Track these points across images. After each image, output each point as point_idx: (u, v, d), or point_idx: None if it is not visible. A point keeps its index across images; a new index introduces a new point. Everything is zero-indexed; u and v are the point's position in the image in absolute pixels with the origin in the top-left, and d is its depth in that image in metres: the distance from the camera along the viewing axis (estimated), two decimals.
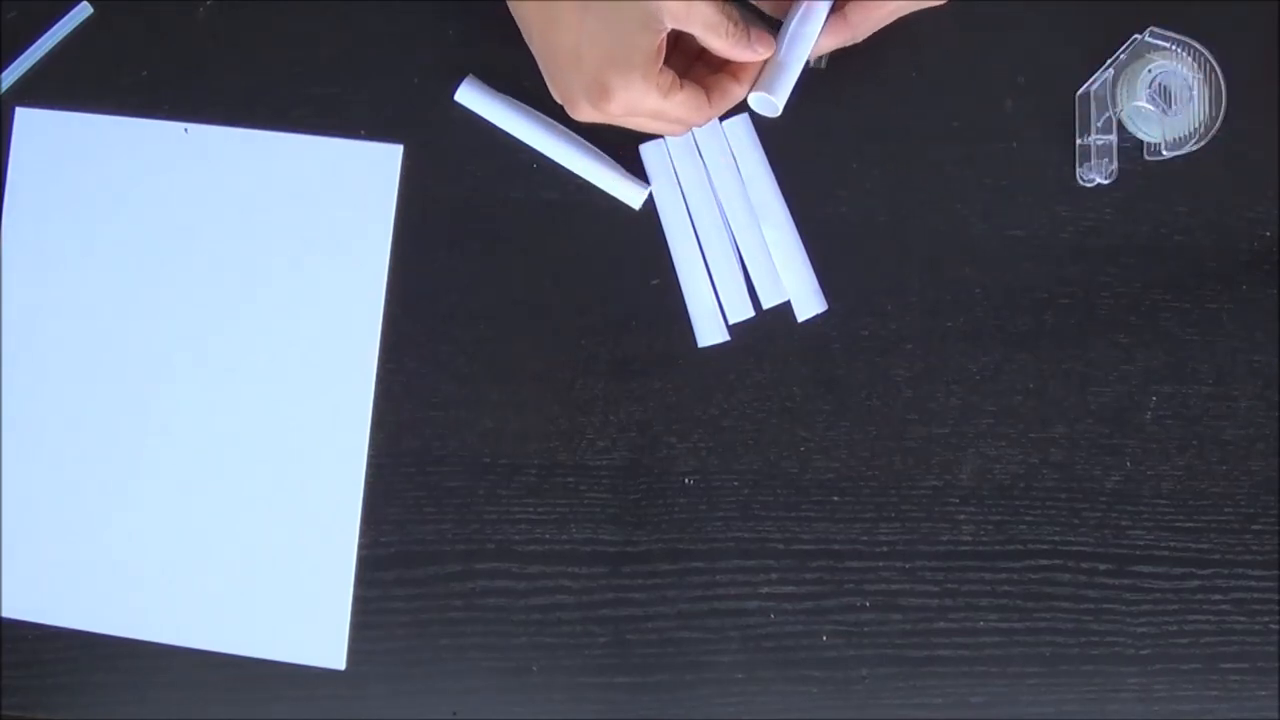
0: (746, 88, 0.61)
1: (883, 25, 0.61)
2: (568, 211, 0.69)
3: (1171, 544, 0.69)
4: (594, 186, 0.69)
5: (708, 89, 0.60)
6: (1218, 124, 0.66)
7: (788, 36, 0.60)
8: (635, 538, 0.68)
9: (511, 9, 0.61)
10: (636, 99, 0.57)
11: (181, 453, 0.69)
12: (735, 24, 0.58)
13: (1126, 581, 0.68)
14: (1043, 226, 0.69)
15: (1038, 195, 0.69)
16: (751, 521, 0.69)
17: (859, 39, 0.62)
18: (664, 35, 0.57)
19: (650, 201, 0.69)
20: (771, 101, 0.60)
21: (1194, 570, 0.69)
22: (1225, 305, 0.69)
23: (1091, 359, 0.69)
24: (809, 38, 0.60)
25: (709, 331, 0.69)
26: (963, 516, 0.69)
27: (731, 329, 0.69)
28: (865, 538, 0.68)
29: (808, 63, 0.61)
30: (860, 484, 0.69)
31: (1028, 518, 0.69)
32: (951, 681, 0.68)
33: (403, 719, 0.68)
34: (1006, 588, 0.68)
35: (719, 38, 0.58)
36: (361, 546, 0.69)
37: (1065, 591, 0.68)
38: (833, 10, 0.61)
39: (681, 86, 0.59)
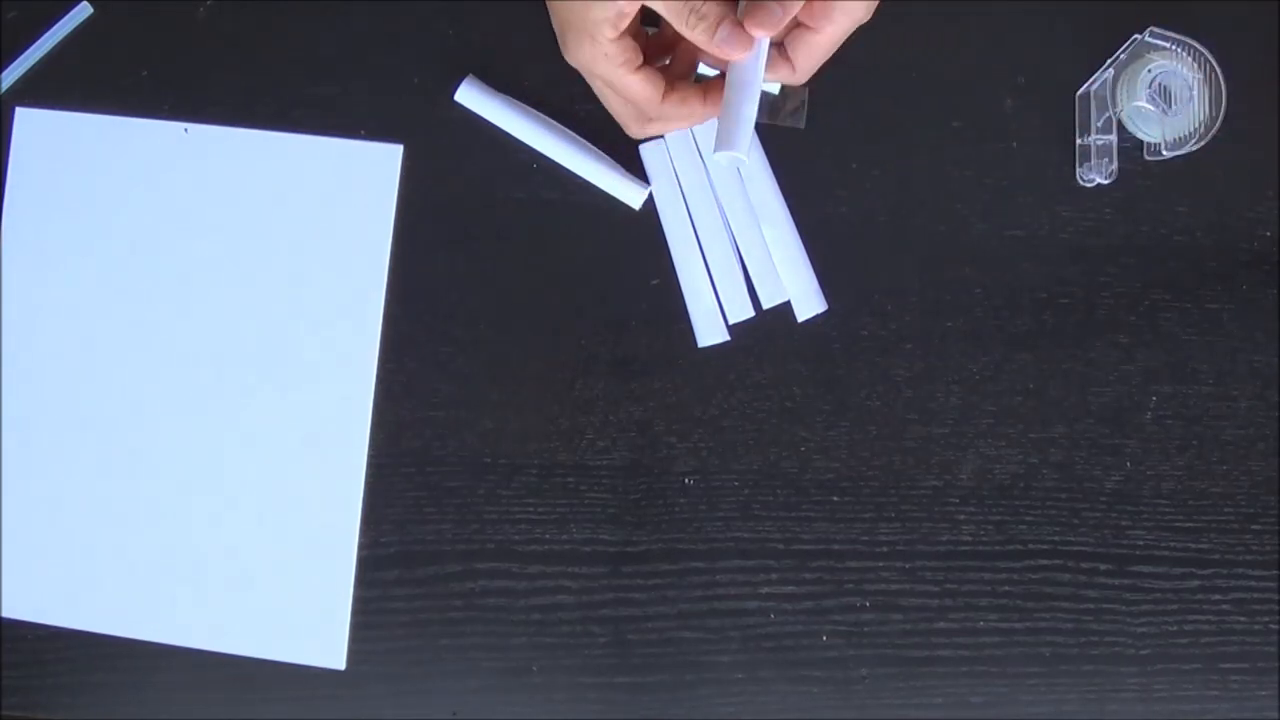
0: (707, 110, 0.59)
1: (825, 58, 0.59)
2: (568, 211, 0.69)
3: (1171, 544, 0.69)
4: (594, 186, 0.69)
5: (673, 93, 0.58)
6: (1218, 124, 0.66)
7: (732, 84, 0.57)
8: (635, 538, 0.68)
9: None
10: (588, 61, 0.57)
11: (181, 452, 0.69)
12: (702, 17, 0.55)
13: (1126, 581, 0.68)
14: (1043, 226, 0.69)
15: (1038, 195, 0.69)
16: (751, 521, 0.69)
17: (802, 78, 0.59)
18: (620, 8, 0.55)
19: (650, 201, 0.69)
20: (737, 157, 0.57)
21: (1194, 570, 0.69)
22: (1225, 305, 0.69)
23: (1091, 359, 0.69)
24: (756, 76, 0.57)
25: (709, 331, 0.69)
26: (963, 516, 0.69)
27: (731, 329, 0.69)
28: (865, 538, 0.68)
29: (786, 125, 0.58)
30: (860, 484, 0.69)
31: (1028, 518, 0.69)
32: (951, 681, 0.68)
33: (403, 719, 0.68)
34: (1006, 588, 0.68)
35: (681, 23, 0.55)
36: (361, 546, 0.68)
37: (1065, 591, 0.68)
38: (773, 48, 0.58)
39: (639, 69, 0.57)
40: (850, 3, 0.56)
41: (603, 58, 0.57)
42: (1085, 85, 0.69)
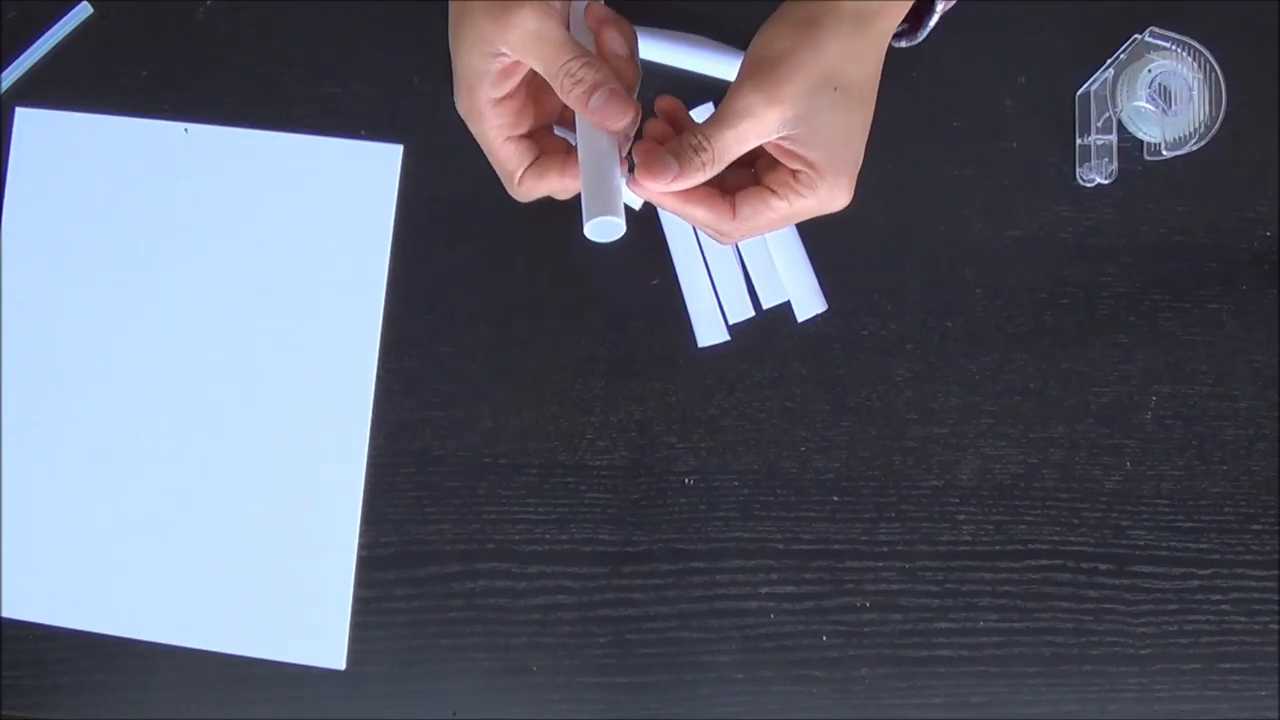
0: (565, 182, 0.55)
1: (771, 229, 0.54)
2: (568, 212, 0.69)
3: (1171, 544, 0.69)
4: None
5: (532, 169, 0.55)
6: (1218, 124, 0.67)
7: (592, 154, 0.53)
8: (635, 538, 0.68)
9: None
10: (465, 112, 0.54)
11: (182, 453, 0.69)
12: (578, 81, 0.51)
13: (1126, 581, 0.68)
14: (1043, 226, 0.69)
15: (1038, 195, 0.69)
16: (751, 521, 0.69)
17: (734, 235, 0.54)
18: (500, 62, 0.52)
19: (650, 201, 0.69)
20: (613, 222, 0.52)
21: (1194, 570, 0.69)
22: (1225, 305, 0.69)
23: (1091, 359, 0.69)
24: (611, 138, 0.53)
25: (709, 331, 0.69)
26: (963, 516, 0.69)
27: (731, 329, 0.69)
28: (865, 538, 0.68)
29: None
30: (860, 484, 0.69)
31: (1028, 518, 0.69)
32: (951, 681, 0.68)
33: (403, 719, 0.68)
34: (1006, 588, 0.68)
35: (555, 84, 0.52)
36: (361, 546, 0.68)
37: (1065, 591, 0.68)
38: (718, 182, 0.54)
39: (510, 140, 0.54)
40: (837, 185, 0.52)
41: (477, 114, 0.53)
42: (1085, 85, 0.69)
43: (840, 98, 0.51)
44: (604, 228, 0.52)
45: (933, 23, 0.57)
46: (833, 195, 0.52)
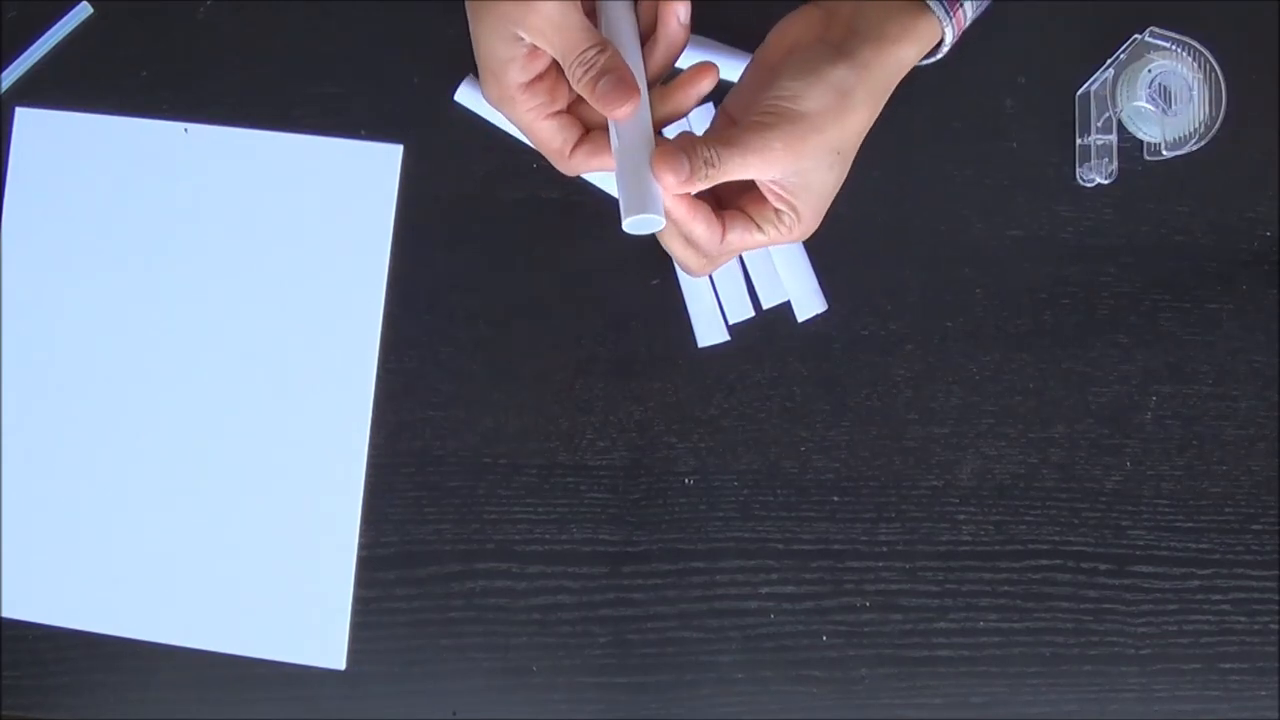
0: (598, 162, 0.55)
1: (750, 249, 0.58)
2: (568, 211, 0.69)
3: (1171, 544, 0.69)
4: (594, 186, 0.69)
5: (585, 144, 0.56)
6: (1218, 124, 0.67)
7: (626, 146, 0.53)
8: (635, 538, 0.68)
9: None
10: (496, 101, 0.55)
11: (182, 452, 0.69)
12: (589, 67, 0.52)
13: (1126, 581, 0.68)
14: (1043, 226, 0.69)
15: (1038, 195, 0.69)
16: (751, 521, 0.69)
17: (717, 250, 0.56)
18: (523, 46, 0.52)
19: None
20: (651, 219, 0.53)
21: (1194, 570, 0.69)
22: (1225, 305, 0.69)
23: (1091, 359, 0.69)
24: (645, 131, 0.53)
25: (709, 331, 0.69)
26: (963, 516, 0.69)
27: (731, 329, 0.69)
28: (865, 538, 0.68)
29: None
30: (860, 484, 0.69)
31: (1028, 518, 0.69)
32: (951, 681, 0.68)
33: (403, 719, 0.68)
34: (1006, 588, 0.68)
35: (568, 73, 0.52)
36: (361, 546, 0.68)
37: (1065, 591, 0.68)
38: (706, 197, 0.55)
39: (551, 116, 0.55)
40: (812, 225, 0.55)
41: (509, 100, 0.54)
42: (1085, 85, 0.69)
43: (839, 161, 0.55)
44: (642, 224, 0.53)
45: (936, 58, 0.58)
46: (805, 231, 0.56)
